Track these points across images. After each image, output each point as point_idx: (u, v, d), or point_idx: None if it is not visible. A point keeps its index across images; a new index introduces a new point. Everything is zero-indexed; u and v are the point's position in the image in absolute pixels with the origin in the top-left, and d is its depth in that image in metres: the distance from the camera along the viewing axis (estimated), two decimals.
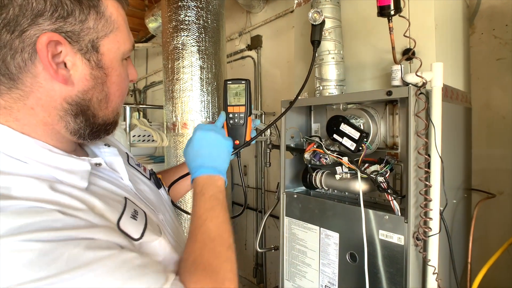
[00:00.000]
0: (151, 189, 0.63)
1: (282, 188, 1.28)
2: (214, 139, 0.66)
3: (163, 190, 0.70)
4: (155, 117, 3.82)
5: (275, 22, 2.32)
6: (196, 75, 1.57)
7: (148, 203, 0.56)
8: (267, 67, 2.43)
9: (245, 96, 0.74)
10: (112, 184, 0.52)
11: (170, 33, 1.62)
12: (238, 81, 0.75)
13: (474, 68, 1.47)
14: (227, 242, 0.54)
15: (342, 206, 1.09)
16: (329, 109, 1.26)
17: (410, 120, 0.90)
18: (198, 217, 0.56)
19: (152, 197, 0.61)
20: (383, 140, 1.12)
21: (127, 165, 0.62)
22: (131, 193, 0.54)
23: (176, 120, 1.60)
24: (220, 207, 0.58)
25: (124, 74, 0.53)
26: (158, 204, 0.62)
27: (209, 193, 0.59)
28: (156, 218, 0.55)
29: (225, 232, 0.55)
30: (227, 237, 0.55)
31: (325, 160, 1.16)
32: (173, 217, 0.65)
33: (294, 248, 1.24)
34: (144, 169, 0.70)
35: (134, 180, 0.59)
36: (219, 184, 0.62)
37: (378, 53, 1.17)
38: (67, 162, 0.46)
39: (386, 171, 1.00)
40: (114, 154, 0.57)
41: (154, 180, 0.68)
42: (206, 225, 0.54)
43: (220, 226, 0.55)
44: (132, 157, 0.70)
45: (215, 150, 0.65)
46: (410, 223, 0.90)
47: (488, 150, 1.46)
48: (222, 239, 0.54)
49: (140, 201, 0.54)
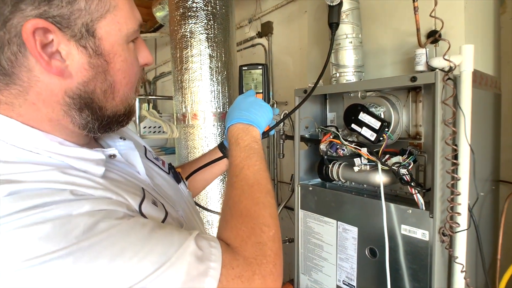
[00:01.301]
0: (170, 184, 0.60)
1: (297, 180, 1.24)
2: (254, 100, 0.67)
3: (182, 185, 0.67)
4: (165, 108, 3.80)
5: (286, 7, 2.23)
6: (205, 64, 1.52)
7: (167, 199, 0.53)
8: (279, 54, 2.35)
9: (263, 82, 0.70)
10: (129, 175, 0.49)
11: (177, 21, 1.56)
12: (254, 66, 0.70)
13: (504, 51, 1.36)
14: (266, 188, 0.52)
15: (361, 199, 1.04)
16: (346, 98, 1.19)
17: (437, 108, 0.83)
18: (235, 165, 0.55)
19: (171, 193, 0.58)
20: (405, 130, 1.05)
21: (144, 159, 0.58)
22: (149, 187, 0.51)
23: (186, 111, 1.56)
24: (256, 156, 0.56)
25: (131, 58, 0.47)
26: (178, 199, 0.59)
27: (244, 142, 0.58)
28: (176, 214, 0.52)
29: (262, 179, 0.53)
30: (265, 183, 0.53)
31: (343, 151, 1.10)
32: (194, 214, 0.63)
33: (309, 242, 1.20)
34: (163, 163, 0.67)
35: (151, 175, 0.56)
36: (254, 134, 0.60)
37: (399, 36, 1.09)
38: (79, 152, 0.44)
39: (409, 163, 0.94)
40: (130, 148, 0.54)
41: (173, 174, 0.66)
42: (244, 173, 0.53)
43: (258, 173, 0.53)
44: (150, 150, 0.67)
45: (254, 107, 0.64)
46: (436, 218, 0.84)
47: None
48: (260, 185, 0.52)
49: (158, 196, 0.51)
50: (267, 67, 0.73)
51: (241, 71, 0.72)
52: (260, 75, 0.71)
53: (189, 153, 1.53)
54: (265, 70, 0.71)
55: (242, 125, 0.61)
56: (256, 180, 0.52)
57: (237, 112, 0.63)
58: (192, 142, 1.53)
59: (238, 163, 0.54)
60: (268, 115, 0.66)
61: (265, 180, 0.53)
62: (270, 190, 0.52)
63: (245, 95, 0.69)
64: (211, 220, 1.52)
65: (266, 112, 0.65)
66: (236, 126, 0.61)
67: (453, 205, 0.83)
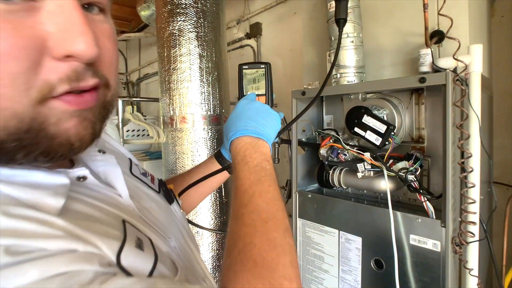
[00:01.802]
0: (160, 206, 0.49)
1: (295, 187, 1.17)
2: (261, 106, 0.57)
3: (175, 205, 0.56)
4: (149, 111, 3.66)
5: (275, 8, 2.18)
6: (195, 64, 1.44)
7: (156, 227, 0.42)
8: (268, 56, 2.29)
9: (265, 83, 0.62)
10: (106, 203, 0.37)
11: (165, 18, 1.47)
12: (256, 66, 0.62)
13: (494, 53, 1.36)
14: (283, 225, 0.42)
15: (365, 207, 0.98)
16: (346, 100, 1.14)
17: (448, 110, 0.79)
18: (243, 192, 0.44)
19: (161, 217, 0.46)
20: (408, 133, 1.01)
21: (128, 176, 0.48)
22: (132, 215, 0.39)
23: (173, 113, 1.47)
24: (269, 180, 0.46)
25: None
26: (170, 225, 0.47)
27: (254, 161, 0.48)
28: (167, 247, 0.41)
29: (279, 212, 0.43)
30: (282, 217, 0.42)
31: (344, 156, 1.04)
32: (189, 241, 0.52)
33: (309, 253, 1.13)
34: (152, 178, 0.55)
35: (137, 196, 0.45)
36: (264, 151, 0.51)
37: (401, 36, 1.05)
38: (28, 175, 0.31)
39: (416, 169, 0.89)
40: (111, 164, 0.43)
41: (164, 193, 0.54)
42: (255, 202, 0.43)
43: (272, 204, 0.43)
44: (136, 163, 0.56)
45: (262, 115, 0.55)
46: (449, 227, 0.80)
47: (509, 141, 1.36)
48: (276, 221, 0.41)
49: (145, 224, 0.40)
50: (270, 66, 0.65)
51: (241, 70, 0.64)
52: (262, 75, 0.64)
53: (177, 159, 1.44)
54: (268, 69, 0.64)
55: (250, 138, 0.51)
56: (272, 214, 0.41)
57: (243, 122, 0.53)
58: (181, 147, 1.43)
59: (247, 189, 0.44)
60: (277, 125, 0.57)
61: (282, 213, 0.43)
62: (288, 227, 0.42)
63: (249, 100, 0.59)
64: (201, 231, 1.42)
65: (275, 122, 0.56)
66: (242, 140, 0.51)
67: (466, 213, 0.78)
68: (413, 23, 0.99)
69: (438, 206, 0.85)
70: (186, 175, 0.73)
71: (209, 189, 0.74)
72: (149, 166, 1.97)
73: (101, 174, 0.41)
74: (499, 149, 1.34)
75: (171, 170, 1.46)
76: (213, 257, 1.41)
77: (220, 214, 1.43)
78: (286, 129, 0.65)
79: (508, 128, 1.36)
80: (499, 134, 1.34)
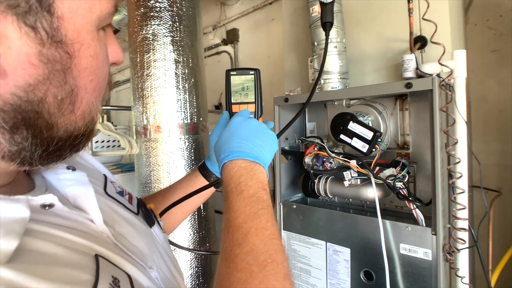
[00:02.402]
0: (139, 231, 0.42)
1: (278, 198, 1.12)
2: (258, 125, 0.51)
3: (157, 228, 0.48)
4: (120, 120, 3.50)
5: (253, 14, 2.16)
6: (170, 70, 1.36)
7: (135, 256, 0.36)
8: (246, 63, 2.25)
9: (255, 90, 0.57)
10: (76, 234, 0.31)
11: (138, 22, 1.39)
12: (244, 72, 0.58)
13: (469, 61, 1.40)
14: (283, 270, 0.36)
15: (353, 217, 0.95)
16: (330, 106, 1.11)
17: (436, 115, 0.77)
18: (237, 227, 0.39)
19: (141, 244, 0.40)
20: (393, 139, 1.00)
21: (103, 196, 0.41)
22: (107, 244, 0.33)
23: (147, 123, 1.38)
24: (267, 214, 0.41)
25: (103, 53, 0.33)
26: (151, 252, 0.41)
27: (249, 190, 0.42)
28: (148, 280, 0.35)
29: (278, 254, 0.37)
30: (281, 260, 0.37)
31: (330, 165, 1.01)
32: (172, 267, 0.45)
33: (295, 267, 1.08)
34: (130, 198, 0.48)
35: (112, 221, 0.38)
36: (261, 178, 0.44)
37: (383, 42, 1.04)
38: None
39: (404, 175, 0.87)
40: (82, 183, 0.37)
41: (144, 214, 0.47)
42: (251, 241, 0.37)
43: (270, 243, 0.38)
44: (113, 180, 0.49)
45: (259, 136, 0.49)
46: (439, 234, 0.78)
47: (486, 145, 1.40)
48: (275, 264, 0.36)
49: (122, 255, 0.34)
50: (259, 72, 0.60)
51: (228, 76, 0.59)
52: (251, 82, 0.59)
53: (152, 171, 1.34)
54: (258, 76, 0.60)
55: (245, 162, 0.45)
56: (270, 256, 0.36)
57: (237, 142, 0.47)
58: (155, 159, 1.34)
59: (241, 224, 0.38)
60: (275, 147, 0.51)
61: (281, 254, 0.37)
62: (288, 272, 0.36)
63: (244, 117, 0.53)
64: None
65: (273, 143, 0.51)
66: (237, 164, 0.45)
67: (457, 219, 0.77)
68: (396, 29, 0.99)
69: (426, 212, 0.84)
70: (167, 192, 0.65)
71: (193, 206, 0.66)
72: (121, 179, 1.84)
73: (70, 197, 0.35)
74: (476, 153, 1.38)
75: (144, 183, 1.36)
76: (192, 275, 1.32)
77: (198, 229, 1.35)
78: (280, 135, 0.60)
79: (485, 133, 1.40)
80: (477, 139, 1.37)
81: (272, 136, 0.51)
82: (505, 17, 1.33)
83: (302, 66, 1.24)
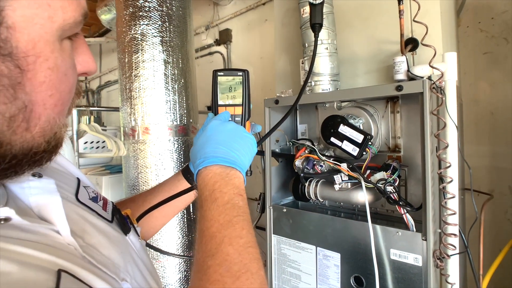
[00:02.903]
0: (112, 240, 0.39)
1: (269, 201, 1.10)
2: (235, 128, 0.49)
3: (133, 235, 0.46)
4: (111, 121, 3.45)
5: (246, 15, 2.14)
6: (159, 71, 1.33)
7: (106, 268, 0.34)
8: (238, 63, 2.23)
9: (243, 92, 0.56)
10: (37, 248, 0.28)
11: (126, 22, 1.36)
12: (232, 73, 0.56)
13: (461, 63, 1.40)
14: (258, 279, 0.35)
15: (343, 221, 0.93)
16: (321, 108, 1.09)
17: (426, 119, 0.76)
18: (210, 237, 0.37)
19: (113, 254, 0.37)
20: (384, 142, 0.98)
21: (73, 204, 0.39)
22: (74, 258, 0.31)
23: (135, 124, 1.35)
24: (242, 221, 0.39)
25: (66, 65, 0.30)
26: (124, 262, 0.38)
27: (224, 197, 0.40)
28: None
29: (253, 263, 0.36)
30: (256, 269, 0.36)
31: (320, 168, 0.99)
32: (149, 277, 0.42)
33: (285, 272, 1.06)
34: (104, 204, 0.45)
35: (82, 231, 0.35)
36: (237, 183, 0.43)
37: (375, 44, 1.03)
38: None
39: (394, 179, 0.86)
40: (48, 191, 0.34)
41: (118, 221, 0.45)
42: (224, 251, 0.36)
43: (245, 253, 0.36)
44: (87, 185, 0.45)
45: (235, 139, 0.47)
46: (430, 240, 0.76)
47: (477, 147, 1.40)
48: (250, 274, 0.35)
49: (90, 269, 0.31)
50: (248, 74, 0.58)
51: (215, 77, 0.57)
52: (239, 84, 0.57)
53: (139, 173, 1.31)
54: (246, 77, 0.57)
55: (220, 168, 0.44)
56: (244, 266, 0.34)
57: (212, 147, 0.46)
58: (143, 161, 1.31)
59: (215, 233, 0.37)
60: (253, 150, 0.50)
61: (257, 263, 0.36)
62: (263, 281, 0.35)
63: (221, 120, 0.52)
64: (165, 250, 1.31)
65: (251, 146, 0.49)
66: (211, 170, 0.43)
67: (447, 225, 0.75)
68: (387, 31, 0.98)
69: (417, 217, 0.83)
70: (148, 194, 0.63)
71: (174, 209, 0.64)
72: (109, 181, 1.81)
73: (34, 206, 0.33)
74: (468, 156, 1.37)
75: (132, 186, 1.33)
76: (181, 279, 1.30)
77: (188, 232, 1.32)
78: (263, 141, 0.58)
79: (476, 136, 1.39)
80: (468, 141, 1.36)
81: (250, 139, 0.50)
82: (496, 20, 1.33)
83: (293, 68, 1.22)
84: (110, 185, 1.91)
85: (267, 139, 1.05)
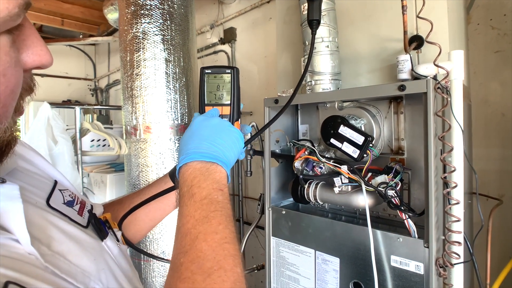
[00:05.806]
0: (84, 247, 0.38)
1: (268, 202, 1.08)
2: (220, 123, 0.48)
3: (110, 240, 0.44)
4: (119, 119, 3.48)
5: (250, 13, 2.11)
6: (160, 70, 1.32)
7: (72, 277, 0.32)
8: (243, 62, 2.21)
9: (232, 91, 0.53)
10: None
11: (128, 20, 1.35)
12: (221, 70, 0.53)
13: (471, 61, 1.35)
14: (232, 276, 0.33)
15: (343, 225, 0.90)
16: (322, 108, 1.07)
17: (430, 120, 0.72)
18: (185, 234, 0.36)
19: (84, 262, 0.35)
20: (387, 144, 0.95)
21: (43, 210, 0.37)
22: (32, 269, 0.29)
23: (137, 123, 1.34)
24: (219, 216, 0.38)
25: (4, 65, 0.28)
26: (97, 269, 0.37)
27: (202, 192, 0.39)
28: None
29: (227, 259, 0.35)
30: (230, 266, 0.34)
31: (320, 170, 0.96)
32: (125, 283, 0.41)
33: (283, 275, 1.04)
34: (81, 208, 0.43)
35: (48, 238, 0.34)
36: (217, 177, 0.42)
37: (378, 41, 0.99)
38: None
39: (396, 183, 0.82)
40: (8, 198, 0.32)
41: (94, 226, 0.43)
42: (198, 248, 0.34)
43: (220, 248, 0.35)
44: (64, 188, 0.44)
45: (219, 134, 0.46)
46: (432, 247, 0.73)
47: (487, 150, 1.34)
48: (222, 271, 0.33)
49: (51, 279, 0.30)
50: (238, 71, 0.56)
51: (203, 75, 0.55)
52: (228, 82, 0.55)
53: (141, 172, 1.31)
54: (235, 75, 0.55)
55: (200, 164, 0.43)
56: (217, 263, 0.33)
57: (195, 143, 0.45)
58: (144, 160, 1.31)
59: (190, 229, 0.36)
60: (239, 145, 0.48)
61: (232, 260, 0.34)
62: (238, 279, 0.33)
63: (207, 116, 0.51)
64: None
65: (237, 141, 0.48)
66: (191, 166, 0.42)
67: (451, 232, 0.72)
68: (391, 28, 0.94)
69: (420, 222, 0.79)
70: (135, 196, 0.61)
71: (162, 213, 0.62)
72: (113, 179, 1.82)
73: None
74: (476, 159, 1.32)
75: (133, 184, 1.33)
76: None
77: None
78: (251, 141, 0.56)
79: (486, 138, 1.34)
80: (477, 144, 1.31)
81: (235, 133, 0.48)
82: (509, 16, 1.27)
83: (295, 67, 1.20)
84: (114, 183, 1.92)
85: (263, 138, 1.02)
